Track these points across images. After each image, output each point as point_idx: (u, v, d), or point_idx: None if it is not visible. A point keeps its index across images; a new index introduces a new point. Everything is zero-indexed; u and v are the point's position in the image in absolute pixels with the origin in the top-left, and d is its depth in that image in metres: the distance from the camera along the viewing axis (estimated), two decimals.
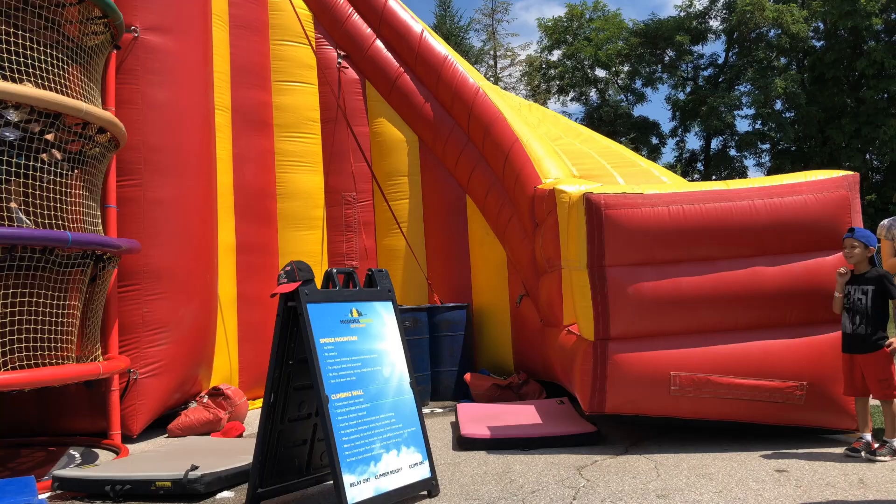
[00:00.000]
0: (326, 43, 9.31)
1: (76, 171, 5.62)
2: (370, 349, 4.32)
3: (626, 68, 34.12)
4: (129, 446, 6.12)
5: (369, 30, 9.28)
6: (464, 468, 5.01)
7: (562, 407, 6.69)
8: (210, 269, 7.43)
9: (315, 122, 9.24)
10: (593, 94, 35.16)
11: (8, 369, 4.85)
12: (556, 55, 35.40)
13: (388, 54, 9.27)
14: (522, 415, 6.39)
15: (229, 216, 8.16)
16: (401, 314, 4.69)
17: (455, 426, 6.43)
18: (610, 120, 33.42)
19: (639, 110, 38.21)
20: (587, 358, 5.45)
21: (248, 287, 8.27)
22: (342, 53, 9.32)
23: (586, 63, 34.11)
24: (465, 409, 6.78)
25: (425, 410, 7.43)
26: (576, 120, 31.68)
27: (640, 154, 16.89)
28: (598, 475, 4.65)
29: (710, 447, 5.29)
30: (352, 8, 9.28)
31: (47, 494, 4.62)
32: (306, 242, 9.02)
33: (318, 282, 4.31)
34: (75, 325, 5.59)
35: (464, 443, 5.70)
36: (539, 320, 7.94)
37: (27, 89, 4.97)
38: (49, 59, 5.33)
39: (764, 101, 29.77)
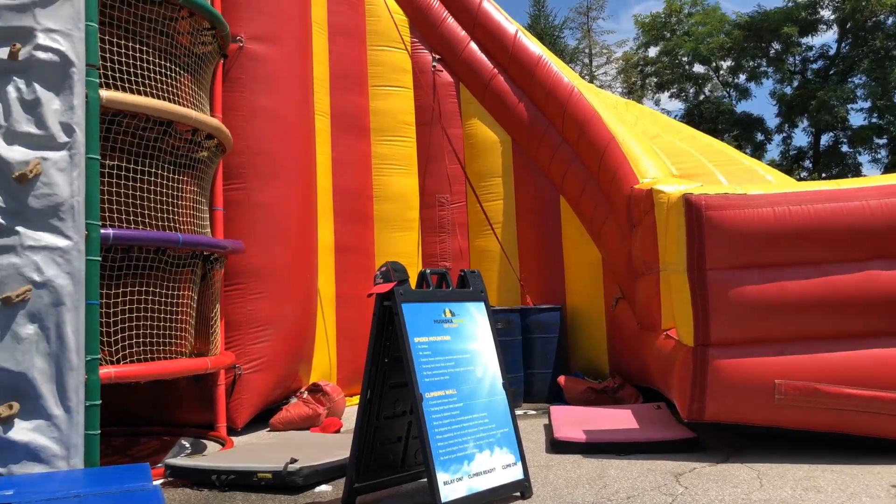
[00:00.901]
0: (421, 47, 9.45)
1: (186, 175, 5.93)
2: (463, 349, 4.36)
3: (728, 63, 32.88)
4: (234, 438, 6.41)
5: (463, 32, 9.35)
6: (557, 471, 4.98)
7: (659, 412, 6.53)
8: (310, 268, 7.68)
9: (410, 125, 9.39)
10: (693, 91, 34.08)
11: (126, 363, 5.18)
12: (653, 51, 34.52)
13: (482, 56, 9.31)
14: (618, 419, 6.28)
15: (328, 218, 8.40)
16: (493, 315, 4.71)
17: (548, 429, 6.39)
18: (711, 117, 32.27)
19: (742, 106, 36.68)
20: (686, 364, 5.30)
21: (346, 286, 8.49)
22: (437, 57, 9.43)
23: (685, 59, 33.09)
24: (558, 411, 6.72)
25: (518, 412, 7.42)
26: (674, 117, 30.74)
27: (744, 152, 16.23)
28: (697, 483, 4.52)
29: (817, 458, 5.03)
30: (446, 11, 9.37)
31: (160, 481, 4.90)
32: (401, 243, 9.17)
33: (413, 282, 4.38)
34: (186, 322, 5.91)
35: (557, 445, 5.65)
36: (635, 324, 7.78)
37: (143, 99, 5.28)
38: (162, 70, 5.65)
39: (881, 93, 28.00)
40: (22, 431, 4.23)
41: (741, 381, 5.09)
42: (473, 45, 9.34)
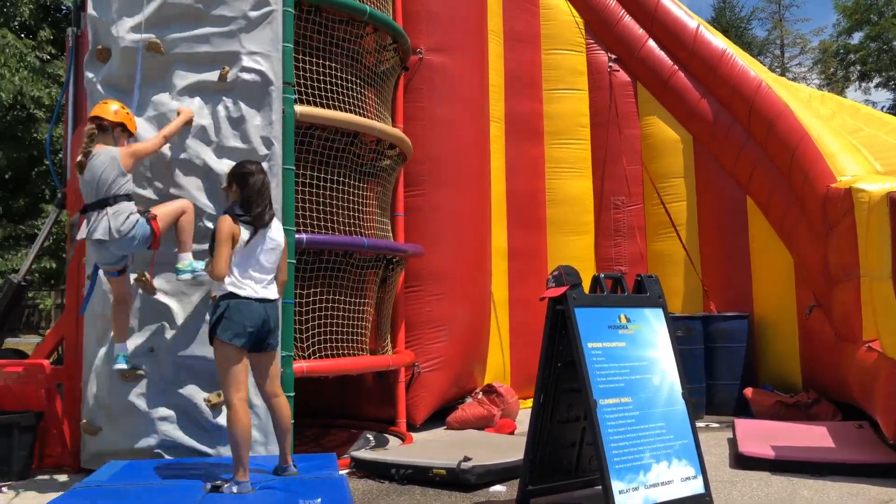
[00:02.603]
0: (597, 48, 9.31)
1: (371, 183, 6.27)
2: (639, 356, 4.25)
3: None
4: (413, 434, 6.67)
5: (640, 31, 9.10)
6: (742, 488, 4.71)
7: (860, 431, 5.97)
8: (484, 272, 7.83)
9: (585, 127, 9.28)
10: None
11: (315, 358, 5.57)
12: (856, 38, 31.53)
13: (661, 53, 9.01)
14: (811, 436, 5.82)
15: (502, 222, 8.52)
16: (672, 322, 4.55)
17: (732, 442, 6.05)
18: None
19: None
20: (891, 379, 4.82)
21: (519, 290, 8.56)
22: (613, 57, 9.25)
23: (895, 44, 29.91)
24: (744, 425, 6.35)
25: (699, 424, 7.09)
26: (882, 109, 27.93)
27: None
28: None
29: None
30: (623, 10, 9.18)
31: (346, 471, 5.22)
32: (575, 247, 9.08)
33: (587, 286, 4.35)
34: (370, 321, 6.25)
35: (742, 461, 5.35)
36: (832, 334, 7.16)
37: (333, 113, 5.66)
38: (349, 84, 6.02)
39: None
40: None
41: None
42: (651, 43, 9.06)
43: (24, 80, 12.85)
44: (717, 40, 8.76)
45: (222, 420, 4.61)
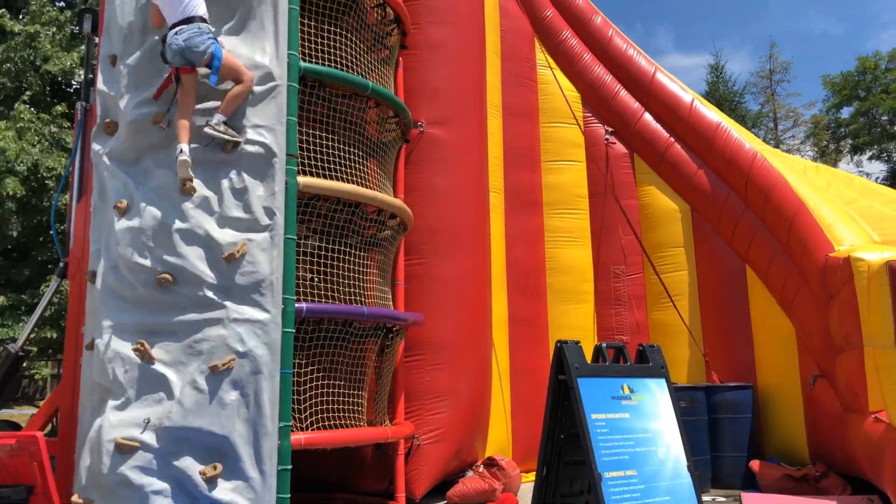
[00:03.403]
0: (594, 121, 9.51)
1: (371, 252, 6.30)
2: (643, 428, 4.19)
3: None
4: None
5: (637, 104, 9.32)
6: None
7: None
8: (485, 341, 7.78)
9: (583, 197, 9.40)
10: None
11: (313, 429, 5.48)
12: (846, 112, 32.22)
13: (657, 126, 9.21)
14: None
15: (502, 291, 8.52)
16: (675, 393, 4.50)
17: None
18: None
19: None
20: None
21: (521, 359, 8.50)
22: (609, 129, 9.44)
23: (885, 118, 30.56)
24: (751, 499, 6.21)
25: (705, 497, 6.93)
26: (875, 180, 28.30)
27: None
28: None
29: None
30: (619, 85, 9.41)
31: None
32: (576, 316, 9.06)
33: (588, 356, 4.32)
34: (369, 391, 6.17)
35: None
36: (838, 404, 7.07)
37: (335, 184, 5.74)
38: (351, 156, 6.13)
39: None
40: (224, 491, 4.57)
41: None
42: (647, 116, 9.26)
43: (42, 153, 13.14)
44: (712, 114, 8.96)
45: (218, 494, 4.51)
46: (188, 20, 4.93)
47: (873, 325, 5.31)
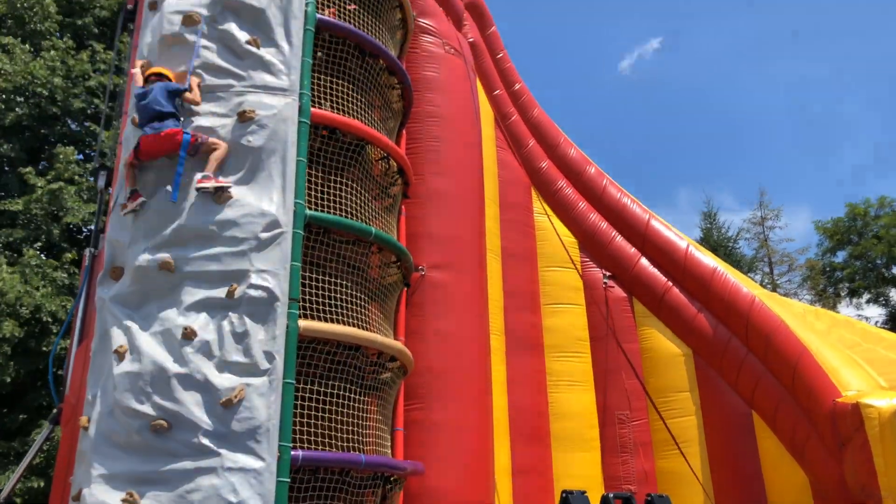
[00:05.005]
0: (592, 265, 9.67)
1: (371, 396, 6.19)
2: None
3: None
4: None
5: (633, 250, 9.51)
6: None
7: None
8: (489, 493, 7.47)
9: (584, 340, 9.37)
10: (894, 295, 31.40)
11: None
12: (840, 256, 32.72)
13: (654, 271, 9.34)
14: None
15: (504, 438, 8.29)
16: None
17: None
18: None
19: None
20: None
21: None
22: (607, 274, 9.58)
23: (879, 262, 30.99)
24: None
25: None
26: (875, 324, 28.26)
27: None
28: None
29: None
30: (615, 231, 9.65)
31: None
32: (581, 465, 8.76)
33: None
34: None
35: None
36: None
37: (335, 327, 5.74)
38: (353, 299, 6.16)
39: None
40: None
41: None
42: (644, 261, 9.43)
43: (45, 298, 13.23)
44: (708, 258, 9.12)
45: None
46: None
47: (890, 476, 5.14)
